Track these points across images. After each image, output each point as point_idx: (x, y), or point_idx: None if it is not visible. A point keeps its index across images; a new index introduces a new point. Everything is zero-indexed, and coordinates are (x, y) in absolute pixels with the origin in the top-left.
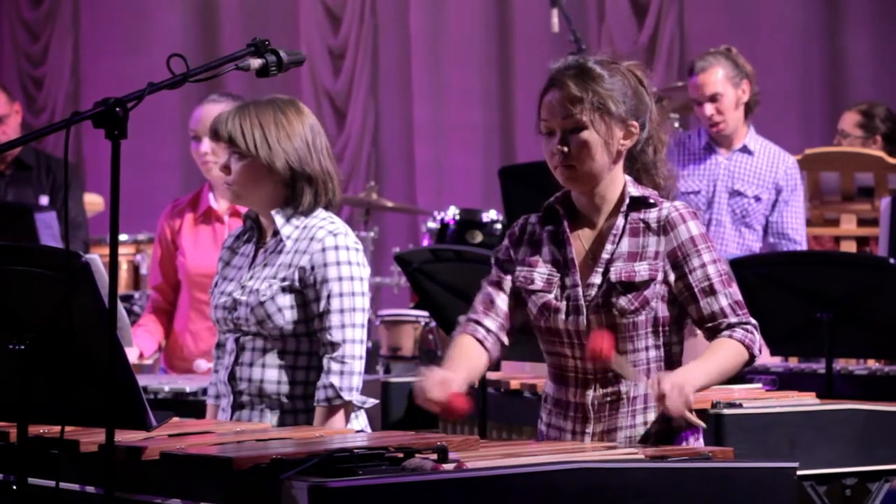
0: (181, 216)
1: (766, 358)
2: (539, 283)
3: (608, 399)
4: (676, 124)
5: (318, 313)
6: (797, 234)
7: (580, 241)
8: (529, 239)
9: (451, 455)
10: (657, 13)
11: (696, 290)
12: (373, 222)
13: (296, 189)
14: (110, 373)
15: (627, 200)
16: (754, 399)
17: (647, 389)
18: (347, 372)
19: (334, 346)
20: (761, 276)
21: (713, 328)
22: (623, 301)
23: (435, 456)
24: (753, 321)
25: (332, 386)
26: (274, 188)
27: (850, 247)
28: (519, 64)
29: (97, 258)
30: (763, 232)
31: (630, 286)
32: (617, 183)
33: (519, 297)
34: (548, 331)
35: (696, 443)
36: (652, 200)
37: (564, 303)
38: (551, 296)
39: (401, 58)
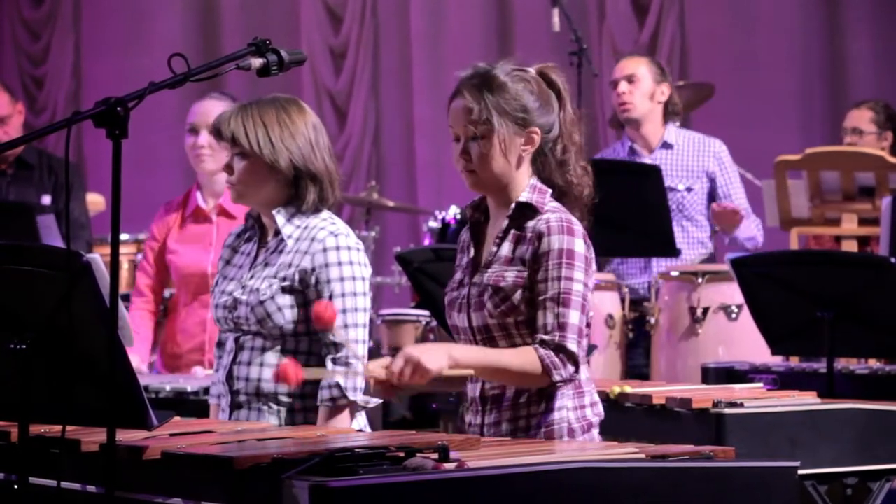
0: (171, 216)
1: (767, 357)
2: (451, 286)
3: (493, 393)
4: (678, 123)
5: None
6: (749, 211)
7: (488, 242)
8: (462, 246)
9: (453, 454)
10: (658, 12)
11: (537, 299)
12: (374, 222)
13: (300, 188)
14: (111, 372)
15: (513, 206)
16: (755, 398)
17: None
18: (351, 372)
19: (337, 346)
20: (762, 275)
21: (533, 339)
22: (491, 304)
23: (436, 455)
24: (570, 349)
25: (337, 386)
26: (277, 187)
27: (851, 246)
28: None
29: (98, 257)
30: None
31: (498, 290)
32: (520, 187)
33: None
34: (452, 327)
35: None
36: (537, 207)
37: (459, 301)
38: (454, 295)
39: (401, 57)
